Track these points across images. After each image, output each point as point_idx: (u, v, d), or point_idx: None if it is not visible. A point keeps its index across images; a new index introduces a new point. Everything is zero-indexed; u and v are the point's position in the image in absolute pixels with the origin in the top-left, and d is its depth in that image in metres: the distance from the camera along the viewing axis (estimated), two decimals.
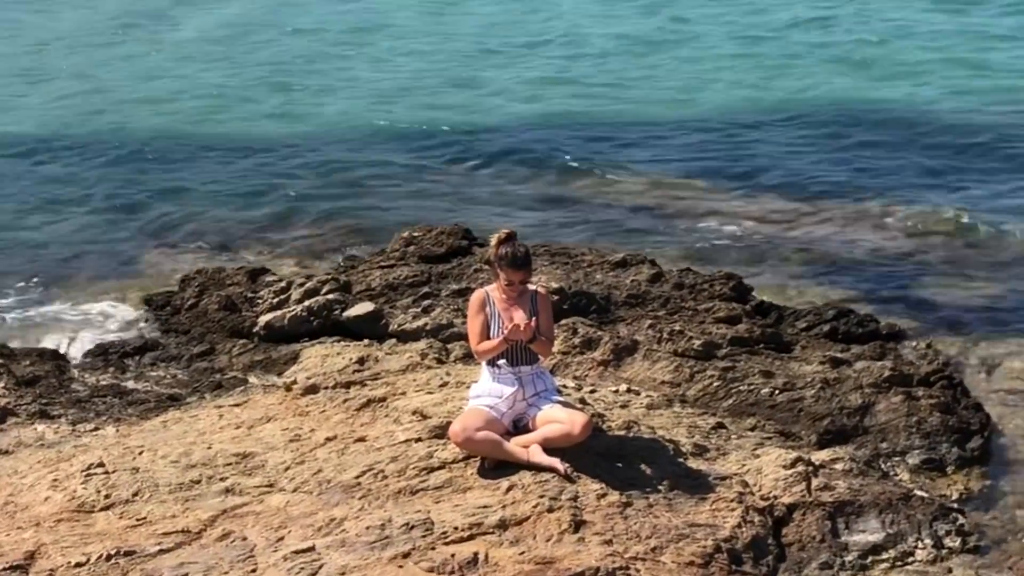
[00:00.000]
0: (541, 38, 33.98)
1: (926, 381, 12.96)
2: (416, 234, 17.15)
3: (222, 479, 9.88)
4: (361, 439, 10.36)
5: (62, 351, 14.77)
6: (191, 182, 22.36)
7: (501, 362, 9.88)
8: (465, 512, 9.12)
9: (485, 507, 9.18)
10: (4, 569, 8.62)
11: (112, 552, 8.75)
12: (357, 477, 9.72)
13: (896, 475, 11.43)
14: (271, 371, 13.75)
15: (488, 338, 9.88)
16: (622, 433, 10.49)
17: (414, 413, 10.67)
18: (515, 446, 9.66)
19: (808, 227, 18.99)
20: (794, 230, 18.90)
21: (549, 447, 9.62)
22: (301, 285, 15.44)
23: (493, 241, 9.94)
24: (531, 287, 10.04)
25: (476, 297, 10.03)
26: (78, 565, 8.64)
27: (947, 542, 9.91)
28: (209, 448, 10.45)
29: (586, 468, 9.68)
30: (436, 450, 9.95)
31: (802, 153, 22.95)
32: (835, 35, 32.93)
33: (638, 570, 8.67)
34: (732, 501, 9.71)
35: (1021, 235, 18.26)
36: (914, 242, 18.18)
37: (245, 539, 8.97)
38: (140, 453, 10.42)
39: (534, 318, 9.72)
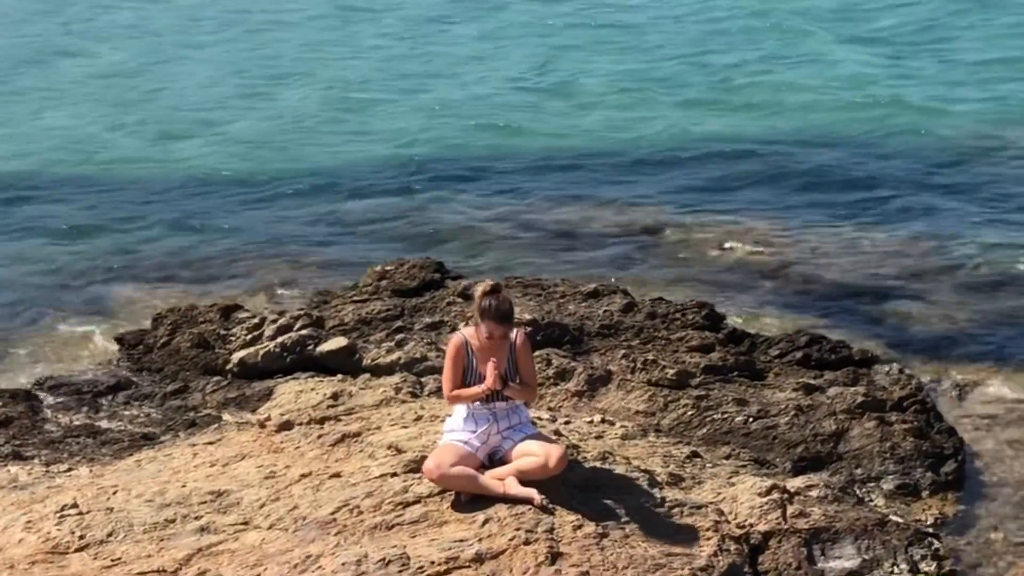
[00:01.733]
0: (494, 69, 34.15)
1: (899, 406, 13.02)
2: (389, 268, 17.14)
3: (197, 517, 9.84)
4: (336, 475, 10.33)
5: (35, 392, 14.67)
6: (162, 220, 22.28)
7: (476, 403, 9.84)
8: (441, 546, 9.10)
9: (461, 541, 9.17)
10: None
11: None
12: (332, 513, 9.69)
13: (871, 501, 11.48)
14: (245, 408, 13.71)
15: (463, 384, 9.86)
16: (597, 464, 10.49)
17: (389, 448, 10.66)
18: (490, 479, 9.65)
19: (779, 254, 19.07)
20: (765, 257, 18.98)
21: (524, 479, 9.61)
22: (274, 321, 15.42)
23: (478, 292, 9.87)
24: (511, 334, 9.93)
25: (455, 342, 9.94)
26: None
27: (923, 567, 9.95)
28: (184, 487, 10.41)
29: (562, 500, 9.67)
30: (412, 484, 9.93)
31: (768, 180, 23.01)
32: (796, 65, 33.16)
33: None
34: (708, 530, 9.72)
35: (993, 260, 18.37)
36: (886, 267, 18.27)
37: None
38: (114, 493, 10.37)
39: (497, 371, 9.64)
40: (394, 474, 10.13)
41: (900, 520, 10.65)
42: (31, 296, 18.53)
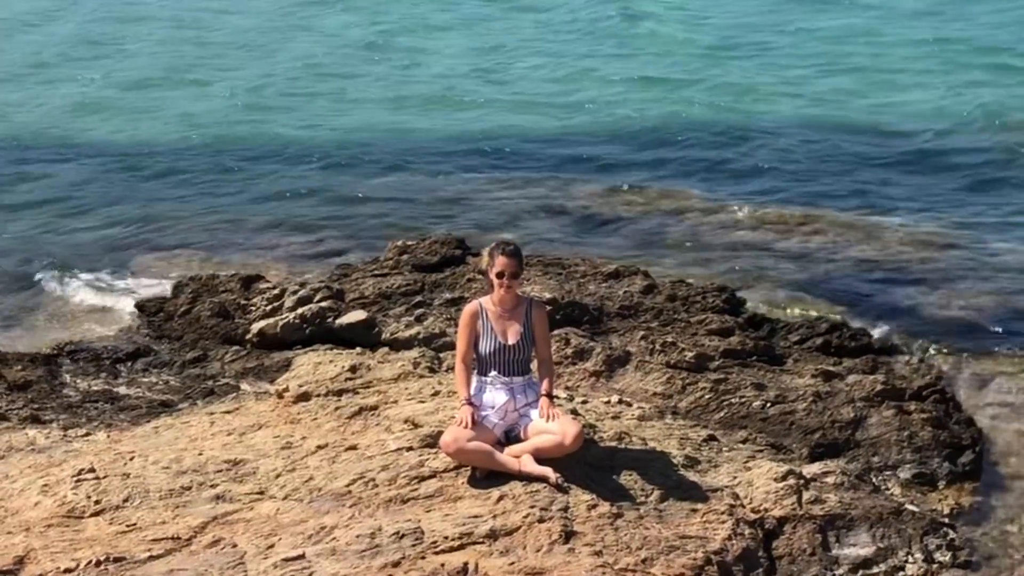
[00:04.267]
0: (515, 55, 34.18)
1: (918, 395, 12.97)
2: (410, 243, 17.16)
3: (213, 486, 9.87)
4: (352, 447, 10.35)
5: (54, 356, 14.71)
6: (185, 188, 22.37)
7: (493, 373, 9.91)
8: (455, 522, 9.11)
9: (475, 517, 9.18)
10: None
11: (102, 558, 8.74)
12: (348, 485, 9.71)
13: (887, 489, 11.44)
14: (263, 378, 13.73)
15: (476, 350, 9.98)
16: (613, 444, 10.49)
17: (406, 422, 10.66)
18: (506, 456, 9.66)
19: (801, 240, 19.02)
20: (787, 243, 18.92)
21: (540, 457, 9.62)
22: (294, 292, 15.43)
23: (487, 250, 10.06)
24: (526, 295, 10.07)
25: (469, 309, 10.07)
26: (67, 571, 8.63)
27: (937, 556, 9.92)
28: (200, 455, 10.44)
29: (577, 479, 9.68)
30: (427, 459, 9.94)
31: (793, 167, 22.96)
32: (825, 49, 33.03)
33: None
34: (723, 513, 9.71)
35: (1013, 250, 18.28)
36: (907, 256, 18.20)
37: (235, 546, 8.96)
38: (131, 459, 10.41)
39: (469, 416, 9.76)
40: (410, 448, 10.14)
41: (916, 509, 10.62)
42: (52, 262, 18.58)
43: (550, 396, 9.92)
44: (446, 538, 8.91)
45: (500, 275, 9.90)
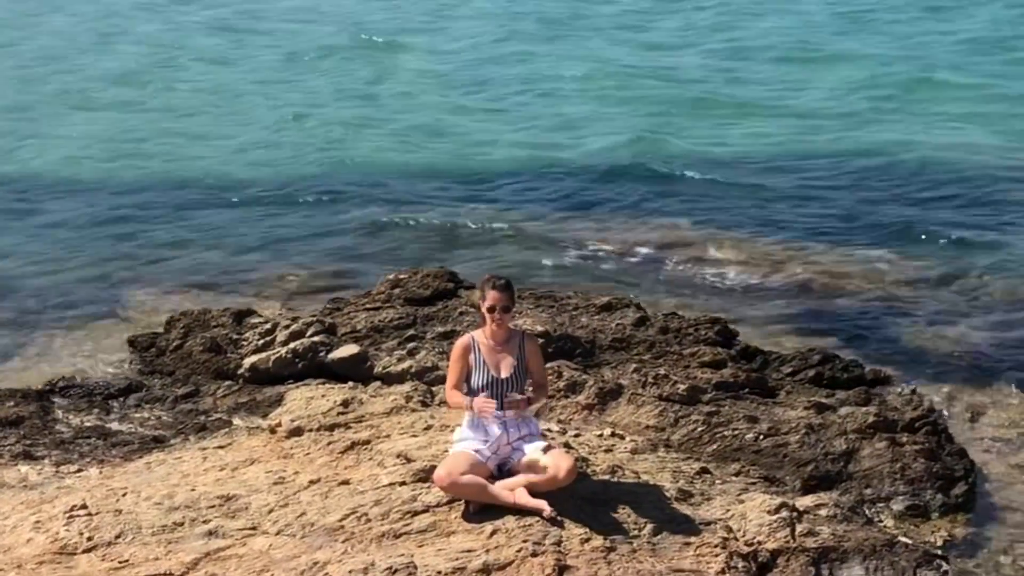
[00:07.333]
0: (506, 84, 34.30)
1: (911, 427, 12.98)
2: (402, 277, 17.15)
3: (205, 521, 9.84)
4: (345, 482, 10.34)
5: (46, 392, 14.68)
6: (177, 224, 22.35)
7: None
8: (448, 556, 9.09)
9: (469, 551, 9.16)
10: None
11: None
12: (341, 520, 9.69)
13: (880, 521, 11.44)
14: (255, 413, 13.72)
15: (468, 384, 9.93)
16: (606, 477, 10.48)
17: (398, 456, 10.65)
18: (500, 489, 9.65)
19: (793, 272, 19.05)
20: (779, 275, 18.95)
21: (534, 490, 9.60)
22: (286, 327, 15.43)
23: (479, 284, 10.08)
24: (518, 328, 10.07)
25: (461, 342, 10.06)
26: None
27: None
28: (193, 490, 10.42)
29: (570, 512, 9.66)
30: (420, 493, 9.92)
31: (786, 199, 23.01)
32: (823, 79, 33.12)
33: None
34: (716, 546, 9.69)
35: (1005, 283, 18.33)
36: (900, 288, 18.24)
37: None
38: (123, 495, 10.38)
39: (497, 401, 9.70)
40: (403, 483, 10.12)
41: (909, 541, 10.61)
42: (44, 297, 18.57)
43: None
44: (439, 572, 8.89)
45: (491, 309, 9.90)
